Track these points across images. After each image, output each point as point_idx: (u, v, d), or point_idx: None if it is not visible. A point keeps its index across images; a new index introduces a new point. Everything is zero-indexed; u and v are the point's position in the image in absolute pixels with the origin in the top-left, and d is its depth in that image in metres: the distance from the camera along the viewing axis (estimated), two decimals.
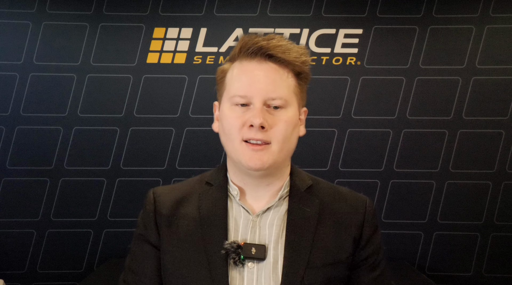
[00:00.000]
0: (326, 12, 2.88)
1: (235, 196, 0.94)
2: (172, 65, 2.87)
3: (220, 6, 2.88)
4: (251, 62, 0.89)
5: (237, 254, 0.87)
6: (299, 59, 0.90)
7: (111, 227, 2.86)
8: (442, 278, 2.85)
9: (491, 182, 2.86)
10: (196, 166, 2.83)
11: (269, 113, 0.87)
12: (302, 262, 0.88)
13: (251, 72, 0.88)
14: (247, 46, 0.89)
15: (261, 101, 0.87)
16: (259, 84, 0.87)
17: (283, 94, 0.88)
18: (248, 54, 0.89)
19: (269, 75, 0.88)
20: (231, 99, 0.89)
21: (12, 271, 2.82)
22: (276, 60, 0.89)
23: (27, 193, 2.84)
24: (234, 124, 0.88)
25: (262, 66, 0.89)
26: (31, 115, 2.84)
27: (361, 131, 2.87)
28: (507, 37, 2.87)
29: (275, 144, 0.87)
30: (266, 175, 0.91)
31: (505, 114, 2.86)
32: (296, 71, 0.91)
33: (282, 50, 0.88)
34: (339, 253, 0.91)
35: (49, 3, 2.85)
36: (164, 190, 0.98)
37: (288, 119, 0.88)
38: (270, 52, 0.88)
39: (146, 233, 0.94)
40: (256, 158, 0.86)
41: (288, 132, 0.88)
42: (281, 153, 0.88)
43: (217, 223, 0.91)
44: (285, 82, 0.89)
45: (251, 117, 0.85)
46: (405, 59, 2.88)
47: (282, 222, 0.92)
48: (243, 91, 0.87)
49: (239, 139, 0.87)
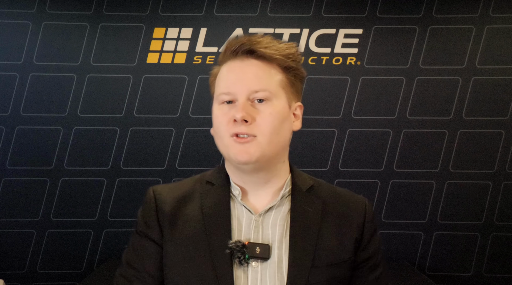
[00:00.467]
0: (326, 12, 2.88)
1: (237, 196, 0.93)
2: (172, 65, 2.87)
3: (220, 6, 2.88)
4: (235, 60, 0.91)
5: (242, 253, 0.86)
6: (281, 52, 0.90)
7: (111, 227, 2.86)
8: (442, 278, 2.85)
9: (491, 182, 2.86)
10: (196, 166, 2.83)
11: (253, 107, 0.88)
12: (307, 262, 0.88)
13: (234, 70, 0.90)
14: (231, 46, 0.91)
15: (244, 96, 0.87)
16: (242, 80, 0.88)
17: (266, 87, 0.88)
18: (232, 53, 0.91)
19: (251, 71, 0.89)
20: (217, 98, 0.91)
21: (12, 271, 2.82)
22: (258, 56, 0.90)
23: (27, 193, 2.84)
24: (221, 121, 0.89)
25: (244, 63, 0.90)
26: (31, 115, 2.84)
27: (361, 131, 2.87)
28: (507, 37, 2.87)
29: (260, 136, 0.87)
30: (259, 169, 0.91)
31: (505, 114, 2.86)
32: (282, 65, 0.91)
33: (263, 45, 0.89)
34: (342, 253, 0.91)
35: (49, 3, 2.85)
36: (164, 188, 0.97)
37: (273, 112, 0.88)
38: (251, 47, 0.89)
39: (147, 231, 0.94)
40: (243, 150, 0.86)
41: (276, 125, 0.88)
42: (269, 145, 0.88)
43: (221, 222, 0.91)
44: (268, 76, 0.89)
45: (234, 112, 0.86)
46: (405, 59, 2.88)
47: (285, 222, 0.92)
48: (227, 89, 0.89)
49: (228, 136, 0.88)
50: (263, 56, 0.90)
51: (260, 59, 0.90)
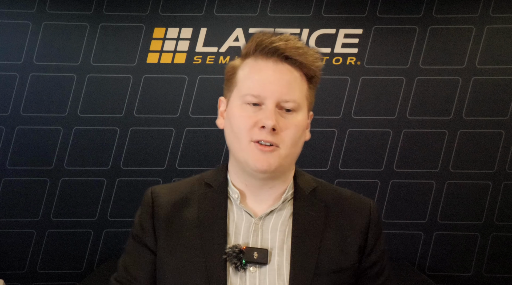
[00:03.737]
0: (326, 12, 2.88)
1: (236, 199, 0.91)
2: (172, 65, 2.87)
3: (220, 6, 2.88)
4: (267, 61, 0.87)
5: (238, 259, 0.84)
6: (315, 63, 0.88)
7: (111, 227, 2.86)
8: (442, 278, 2.85)
9: (491, 182, 2.86)
10: (196, 166, 2.83)
11: (281, 116, 0.85)
12: (309, 269, 0.85)
13: (266, 72, 0.86)
14: (263, 44, 0.87)
15: (274, 102, 0.84)
16: (273, 85, 0.85)
17: (296, 97, 0.86)
18: (263, 53, 0.87)
19: (284, 77, 0.86)
20: (242, 98, 0.86)
21: (12, 271, 2.82)
22: (292, 63, 0.87)
23: (27, 193, 2.83)
24: (244, 123, 0.85)
25: (277, 67, 0.86)
26: (31, 115, 2.84)
27: (361, 131, 2.87)
28: (507, 37, 2.87)
29: (283, 147, 0.85)
30: (270, 178, 0.89)
31: (505, 114, 2.86)
32: (309, 75, 0.89)
33: (299, 53, 0.86)
34: (345, 260, 0.88)
35: (49, 3, 2.85)
36: (162, 190, 0.95)
37: (298, 124, 0.87)
38: (287, 53, 0.86)
39: (142, 235, 0.92)
40: (264, 159, 0.84)
41: (297, 137, 0.87)
42: (287, 157, 0.87)
43: (216, 227, 0.88)
44: (298, 85, 0.87)
45: (263, 118, 0.83)
46: (405, 59, 2.88)
47: (286, 227, 0.89)
48: (257, 91, 0.85)
49: (248, 140, 0.85)
50: (297, 64, 0.87)
51: (293, 65, 0.87)
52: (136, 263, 0.92)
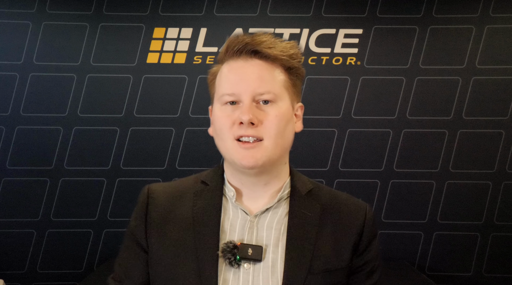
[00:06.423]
0: (326, 12, 2.88)
1: (231, 197, 0.92)
2: (172, 65, 2.87)
3: (220, 6, 2.88)
4: (238, 60, 0.89)
5: (232, 254, 0.85)
6: (286, 53, 0.89)
7: (111, 227, 2.86)
8: (442, 278, 2.85)
9: (491, 182, 2.86)
10: (196, 166, 2.83)
11: (259, 109, 0.86)
12: (303, 268, 0.86)
13: (237, 70, 0.88)
14: (233, 45, 0.89)
15: (250, 97, 0.85)
16: (246, 81, 0.86)
17: (271, 88, 0.87)
18: (234, 53, 0.89)
19: (256, 71, 0.87)
20: (220, 99, 0.89)
21: (12, 271, 2.82)
22: (262, 56, 0.88)
23: (27, 193, 2.84)
24: (224, 123, 0.87)
25: (248, 63, 0.88)
26: (31, 115, 2.84)
27: (361, 131, 2.87)
28: (507, 37, 2.87)
29: (267, 139, 0.85)
30: (262, 172, 0.89)
31: (505, 114, 2.86)
32: (285, 66, 0.90)
33: (267, 45, 0.87)
34: (339, 261, 0.89)
35: (49, 3, 2.85)
36: (159, 188, 0.96)
37: (279, 114, 0.87)
38: (255, 48, 0.87)
39: (136, 233, 0.93)
40: (249, 155, 0.85)
41: (281, 127, 0.87)
42: (275, 149, 0.87)
43: (210, 223, 0.89)
44: (273, 77, 0.88)
45: (240, 115, 0.84)
46: (405, 59, 2.88)
47: (281, 225, 0.90)
48: (231, 90, 0.87)
49: (231, 138, 0.86)
50: (268, 56, 0.88)
51: (264, 59, 0.88)
52: (130, 261, 0.94)
